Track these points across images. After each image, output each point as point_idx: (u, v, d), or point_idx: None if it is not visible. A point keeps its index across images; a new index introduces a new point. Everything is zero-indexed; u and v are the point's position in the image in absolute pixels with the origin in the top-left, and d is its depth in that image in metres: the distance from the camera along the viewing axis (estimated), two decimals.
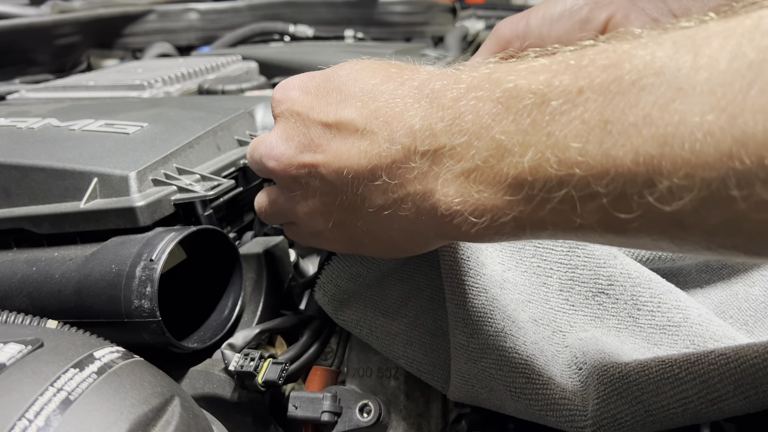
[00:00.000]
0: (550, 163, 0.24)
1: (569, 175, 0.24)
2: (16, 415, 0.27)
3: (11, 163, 0.49)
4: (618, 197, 0.23)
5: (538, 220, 0.26)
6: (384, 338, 0.44)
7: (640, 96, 0.22)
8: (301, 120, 0.36)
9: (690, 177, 0.21)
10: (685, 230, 0.22)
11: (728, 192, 0.20)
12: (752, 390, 0.30)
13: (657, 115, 0.21)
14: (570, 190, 0.24)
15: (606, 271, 0.40)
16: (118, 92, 0.80)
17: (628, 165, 0.22)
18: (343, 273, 0.44)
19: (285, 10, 1.33)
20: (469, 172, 0.27)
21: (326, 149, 0.34)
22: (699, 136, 0.20)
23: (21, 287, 0.45)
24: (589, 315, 0.40)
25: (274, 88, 0.39)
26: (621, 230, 0.24)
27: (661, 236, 0.23)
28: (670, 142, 0.21)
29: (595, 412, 0.34)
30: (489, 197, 0.27)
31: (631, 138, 0.22)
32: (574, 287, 0.41)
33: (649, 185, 0.22)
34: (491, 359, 0.37)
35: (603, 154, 0.23)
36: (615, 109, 0.22)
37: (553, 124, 0.24)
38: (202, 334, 0.46)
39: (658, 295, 0.39)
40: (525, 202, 0.26)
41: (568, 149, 0.24)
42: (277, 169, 0.37)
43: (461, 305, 0.38)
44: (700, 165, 0.20)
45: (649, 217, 0.22)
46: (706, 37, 0.21)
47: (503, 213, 0.27)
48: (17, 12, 1.14)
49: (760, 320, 0.42)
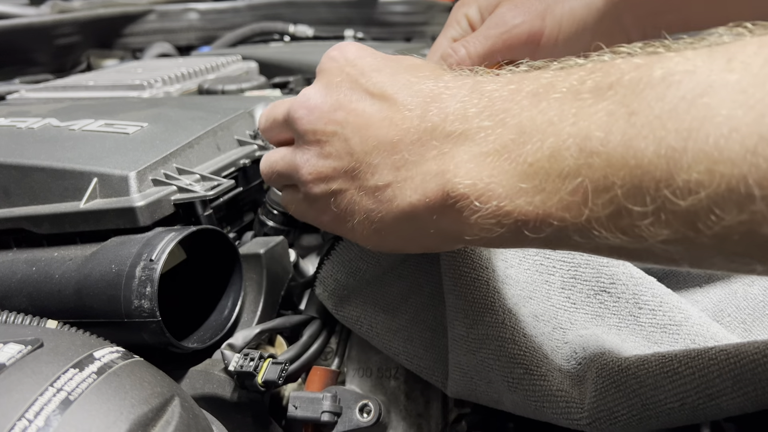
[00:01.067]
0: (570, 152, 0.24)
1: (587, 165, 0.24)
2: (16, 415, 0.27)
3: (11, 163, 0.49)
4: (633, 189, 0.23)
5: (544, 213, 0.26)
6: (384, 334, 0.44)
7: (669, 90, 0.22)
8: (349, 80, 0.36)
9: (710, 172, 0.20)
10: (698, 233, 0.22)
11: (748, 190, 0.20)
12: (751, 387, 0.30)
13: (683, 108, 0.21)
14: (584, 180, 0.24)
15: (608, 270, 0.40)
16: (118, 92, 0.80)
17: (649, 157, 0.22)
18: (343, 268, 0.44)
19: (285, 10, 1.33)
20: (485, 156, 0.28)
21: (360, 114, 0.34)
22: (724, 131, 0.20)
23: (21, 287, 0.45)
24: (591, 313, 0.40)
25: (331, 48, 0.39)
26: (630, 228, 0.23)
27: (672, 238, 0.23)
28: (694, 136, 0.21)
29: (592, 405, 0.34)
30: (500, 183, 0.27)
31: (655, 130, 0.22)
32: (576, 285, 0.41)
33: (667, 178, 0.22)
34: (490, 349, 0.37)
35: (624, 145, 0.23)
36: (642, 101, 0.23)
37: (580, 114, 0.24)
38: (202, 334, 0.46)
39: (660, 294, 0.39)
40: (535, 192, 0.26)
41: (590, 138, 0.24)
42: (304, 119, 0.37)
43: (462, 296, 0.38)
44: (722, 160, 0.20)
45: (662, 213, 0.22)
46: (741, 45, 0.22)
47: (509, 202, 0.26)
48: (17, 12, 1.14)
49: (758, 319, 0.42)
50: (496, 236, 0.28)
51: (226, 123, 0.56)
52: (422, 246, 0.36)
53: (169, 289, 0.42)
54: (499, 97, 0.28)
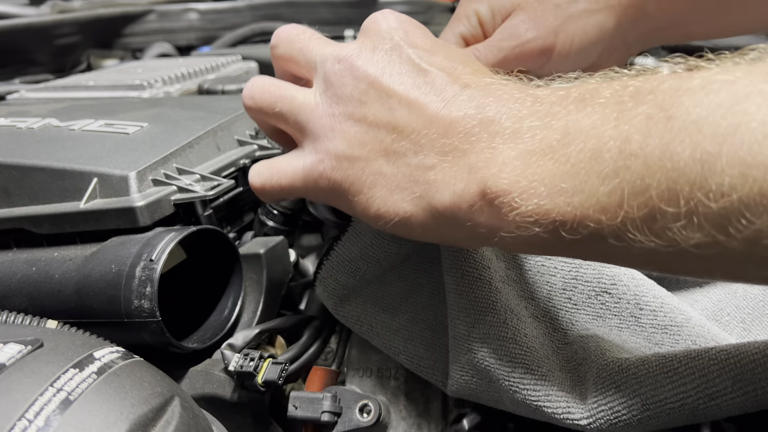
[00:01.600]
0: (610, 154, 0.25)
1: (625, 167, 0.25)
2: (16, 415, 0.27)
3: (11, 163, 0.50)
4: (668, 191, 0.23)
5: (582, 214, 0.26)
6: (384, 334, 0.44)
7: (707, 97, 0.23)
8: (399, 51, 0.34)
9: (743, 176, 0.21)
10: (729, 236, 0.22)
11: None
12: (751, 386, 0.30)
13: (720, 114, 0.22)
14: (622, 182, 0.25)
15: (610, 270, 0.40)
16: (118, 92, 0.80)
17: (684, 160, 0.23)
18: (343, 268, 0.44)
19: (285, 10, 1.33)
20: (531, 154, 0.28)
21: (411, 89, 0.33)
22: (758, 137, 0.21)
23: (21, 287, 0.45)
24: (591, 314, 0.40)
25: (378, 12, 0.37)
26: (663, 231, 0.24)
27: (703, 242, 0.23)
28: (729, 141, 0.22)
29: (592, 405, 0.34)
30: (542, 181, 0.27)
31: (692, 134, 0.23)
32: (577, 286, 0.41)
33: (701, 181, 0.22)
34: (491, 349, 0.37)
35: (662, 148, 0.24)
36: (680, 106, 0.24)
37: (621, 118, 0.25)
38: (202, 334, 0.46)
39: (661, 296, 0.39)
40: (574, 192, 0.26)
41: (629, 141, 0.25)
42: (346, 76, 0.34)
43: (464, 295, 0.38)
44: (756, 165, 0.21)
45: (695, 216, 0.23)
46: None
47: (549, 201, 0.27)
48: (17, 12, 1.14)
49: (757, 318, 0.42)
50: (531, 235, 0.28)
51: (226, 123, 0.56)
52: (446, 238, 0.35)
53: (169, 289, 0.42)
54: (548, 100, 0.29)
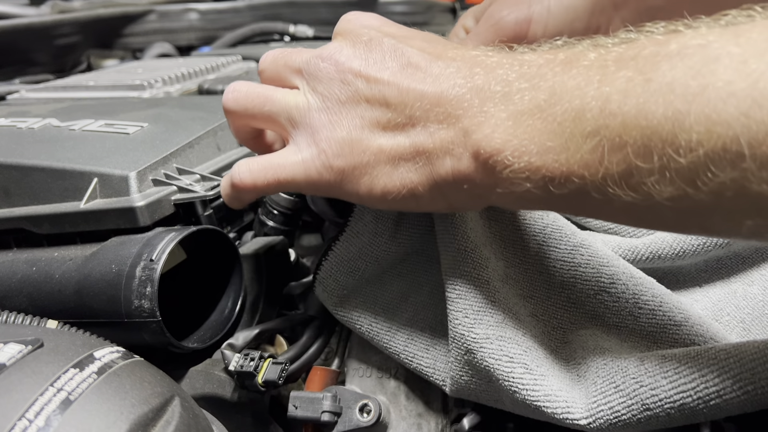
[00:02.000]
0: (592, 113, 0.27)
1: (605, 125, 0.26)
2: (17, 415, 0.27)
3: (11, 163, 0.50)
4: (642, 148, 0.25)
5: (568, 170, 0.28)
6: (384, 334, 0.44)
7: (681, 61, 0.25)
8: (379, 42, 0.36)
9: (708, 132, 0.23)
10: (697, 189, 0.24)
11: (739, 149, 0.22)
12: (751, 386, 0.29)
13: (691, 75, 0.24)
14: (602, 139, 0.26)
15: (608, 269, 0.40)
16: (118, 92, 0.80)
17: (658, 118, 0.25)
18: (341, 268, 0.44)
19: (285, 10, 1.33)
20: (521, 114, 0.30)
21: (396, 71, 0.34)
22: (723, 96, 0.23)
23: (21, 287, 0.45)
24: (590, 313, 0.40)
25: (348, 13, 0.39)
26: (639, 185, 0.26)
27: (675, 195, 0.25)
28: (698, 100, 0.24)
29: (591, 404, 0.34)
30: (532, 140, 0.29)
31: (665, 94, 0.25)
32: (575, 285, 0.41)
33: (672, 138, 0.24)
34: (490, 349, 0.37)
35: (638, 108, 0.25)
36: (657, 70, 0.25)
37: (603, 80, 0.27)
38: (202, 334, 0.46)
39: (660, 294, 0.39)
40: (561, 150, 0.28)
41: (610, 101, 0.26)
42: (331, 71, 0.36)
43: (462, 296, 0.38)
44: (720, 122, 0.23)
45: (666, 171, 0.25)
46: (751, 25, 0.24)
47: (539, 158, 0.29)
48: (17, 12, 1.14)
49: (757, 318, 0.42)
50: (524, 191, 0.30)
51: (226, 123, 0.56)
52: (452, 202, 0.36)
53: (169, 289, 0.42)
54: (536, 63, 0.31)
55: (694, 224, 0.27)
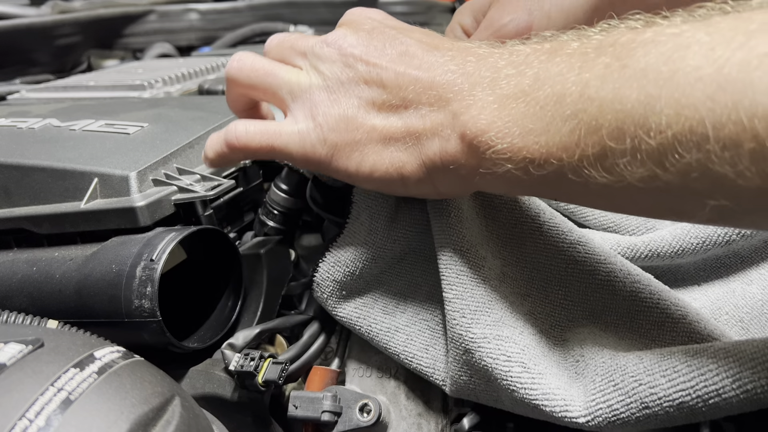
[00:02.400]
0: (572, 98, 0.28)
1: (583, 110, 0.28)
2: (17, 414, 0.27)
3: (12, 163, 0.50)
4: (616, 131, 0.27)
5: (547, 152, 0.30)
6: (383, 335, 0.44)
7: (655, 48, 0.26)
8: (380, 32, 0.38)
9: (677, 115, 0.24)
10: (665, 170, 0.26)
11: (704, 131, 0.24)
12: (750, 385, 0.29)
13: (663, 61, 0.25)
14: (579, 122, 0.28)
15: (606, 267, 0.40)
16: (119, 92, 0.80)
17: (632, 102, 0.26)
18: (340, 269, 0.44)
19: (285, 10, 1.33)
20: (506, 98, 0.31)
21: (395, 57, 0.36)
22: (691, 80, 0.24)
23: (21, 287, 0.45)
24: (588, 310, 0.40)
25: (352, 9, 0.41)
26: (612, 167, 0.27)
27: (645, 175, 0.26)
28: (667, 85, 0.25)
29: (590, 403, 0.34)
30: (515, 122, 0.31)
31: (639, 79, 0.26)
32: (573, 283, 0.41)
33: (643, 121, 0.26)
34: (488, 348, 0.37)
35: (614, 92, 0.27)
36: (632, 57, 0.27)
37: (583, 67, 0.29)
38: (203, 334, 0.46)
39: (658, 291, 0.39)
40: (541, 132, 0.30)
41: (588, 87, 0.28)
42: (334, 54, 0.38)
43: (459, 296, 0.38)
44: (687, 105, 0.24)
45: (638, 153, 0.26)
46: (722, 17, 0.26)
47: (521, 140, 0.30)
48: (17, 12, 1.14)
49: (756, 317, 0.42)
50: (505, 171, 0.32)
51: (227, 123, 0.56)
52: (437, 185, 0.37)
53: (169, 289, 0.42)
54: (524, 52, 0.32)
55: (665, 207, 0.29)
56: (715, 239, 0.44)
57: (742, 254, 0.46)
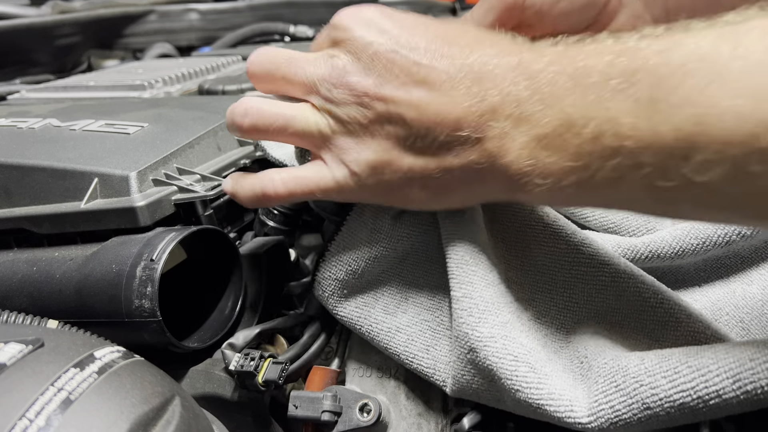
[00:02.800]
0: (606, 136, 0.28)
1: (622, 147, 0.27)
2: (17, 414, 0.27)
3: (12, 163, 0.50)
4: (659, 168, 0.26)
5: (594, 185, 0.29)
6: (384, 334, 0.44)
7: (684, 79, 0.25)
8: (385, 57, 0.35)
9: (720, 153, 0.24)
10: (717, 198, 0.25)
11: (750, 167, 0.23)
12: (750, 385, 0.30)
13: (696, 96, 0.24)
14: (621, 160, 0.27)
15: (609, 268, 0.40)
16: (119, 92, 0.80)
17: (669, 140, 0.25)
18: (341, 268, 0.44)
19: (285, 11, 1.33)
20: (540, 138, 0.30)
21: (411, 88, 0.34)
22: (729, 117, 0.23)
23: (21, 287, 0.45)
24: (592, 311, 0.40)
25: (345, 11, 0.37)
26: (662, 197, 0.27)
27: (696, 203, 0.27)
28: (705, 121, 0.24)
29: (593, 404, 0.34)
30: (555, 162, 0.30)
31: (674, 116, 0.25)
32: (577, 285, 0.41)
33: (685, 158, 0.25)
34: (494, 348, 0.37)
35: (650, 130, 0.26)
36: (662, 89, 0.26)
37: (611, 101, 0.27)
38: (203, 334, 0.46)
39: (661, 292, 0.39)
40: (584, 169, 0.29)
41: (622, 125, 0.27)
42: (346, 96, 0.35)
43: (468, 295, 0.38)
44: (729, 143, 0.23)
45: (685, 187, 0.26)
46: (747, 30, 0.24)
47: (565, 177, 0.30)
48: (18, 12, 1.14)
49: (756, 318, 0.42)
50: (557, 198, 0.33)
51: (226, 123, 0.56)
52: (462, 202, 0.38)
53: (169, 289, 0.42)
54: (545, 80, 0.30)
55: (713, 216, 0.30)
56: (715, 240, 0.44)
57: (743, 254, 0.46)
